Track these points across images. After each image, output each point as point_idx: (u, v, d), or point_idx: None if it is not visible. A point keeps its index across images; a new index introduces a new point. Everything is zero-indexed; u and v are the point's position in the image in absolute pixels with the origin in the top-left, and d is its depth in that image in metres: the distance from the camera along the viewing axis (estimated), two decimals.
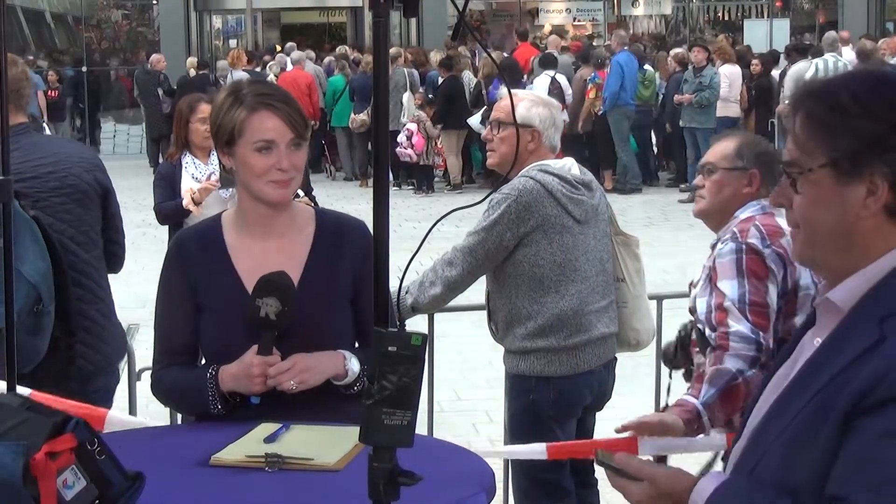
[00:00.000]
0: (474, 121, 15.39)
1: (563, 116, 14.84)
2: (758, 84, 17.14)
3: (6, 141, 3.09)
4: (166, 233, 6.71)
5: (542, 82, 16.13)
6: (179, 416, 5.19)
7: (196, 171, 6.55)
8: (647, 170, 17.22)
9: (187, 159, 6.61)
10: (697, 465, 3.61)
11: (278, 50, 22.76)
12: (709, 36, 24.99)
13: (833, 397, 1.84)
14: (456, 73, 17.14)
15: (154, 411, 5.09)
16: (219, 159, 3.17)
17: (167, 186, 6.58)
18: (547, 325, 4.33)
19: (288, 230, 3.14)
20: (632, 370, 5.10)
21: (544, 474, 4.43)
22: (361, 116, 17.57)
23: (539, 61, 17.14)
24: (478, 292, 4.67)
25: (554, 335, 4.33)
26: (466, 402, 7.35)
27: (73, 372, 4.11)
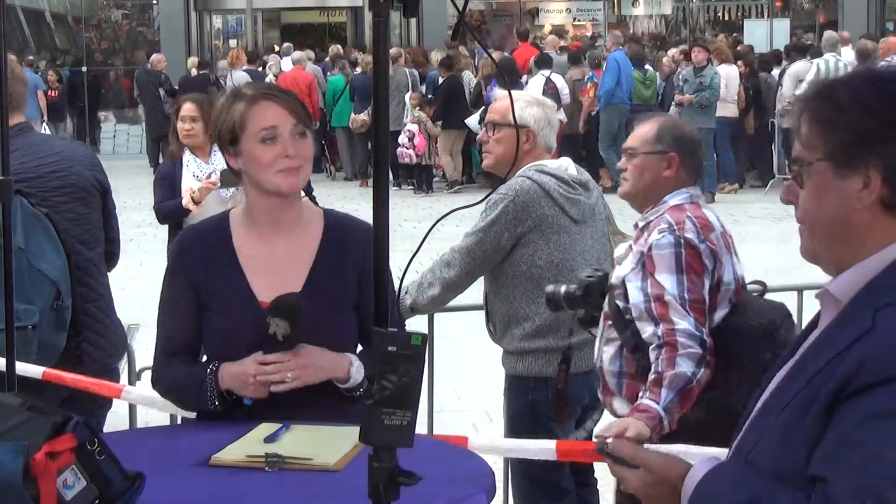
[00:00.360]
0: (472, 121, 15.38)
1: (560, 116, 15.01)
2: (750, 84, 17.10)
3: (6, 141, 3.09)
4: (166, 232, 6.71)
5: (536, 82, 16.13)
6: (179, 416, 5.20)
7: (197, 170, 6.55)
8: None
9: (188, 158, 6.61)
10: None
11: (276, 50, 22.77)
12: (709, 36, 24.99)
13: (822, 384, 1.89)
14: (456, 72, 17.13)
15: (154, 411, 5.08)
16: (226, 161, 3.16)
17: (167, 186, 6.59)
18: (545, 325, 4.33)
19: (295, 226, 3.13)
20: None
21: (544, 474, 4.42)
22: (362, 116, 17.56)
23: (535, 61, 17.15)
24: (478, 292, 4.67)
25: (552, 335, 4.32)
26: (466, 402, 7.35)
27: (80, 371, 4.11)
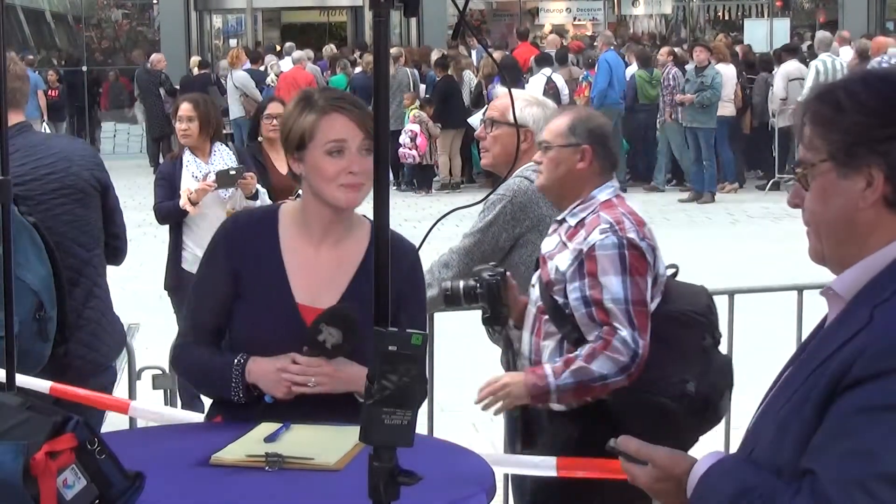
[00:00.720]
0: (474, 120, 15.30)
1: None
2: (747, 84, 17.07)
3: (6, 141, 3.08)
4: (166, 232, 6.71)
5: (537, 81, 16.11)
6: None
7: (196, 170, 6.56)
8: (660, 168, 17.15)
9: (188, 158, 6.63)
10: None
11: (276, 49, 22.78)
12: (709, 36, 24.99)
13: (819, 380, 1.91)
14: (457, 71, 17.11)
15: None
16: (288, 164, 3.13)
17: (167, 186, 6.60)
18: None
19: (343, 239, 3.13)
20: None
21: None
22: None
23: (536, 60, 17.15)
24: None
25: None
26: (466, 403, 7.34)
27: (70, 375, 4.09)
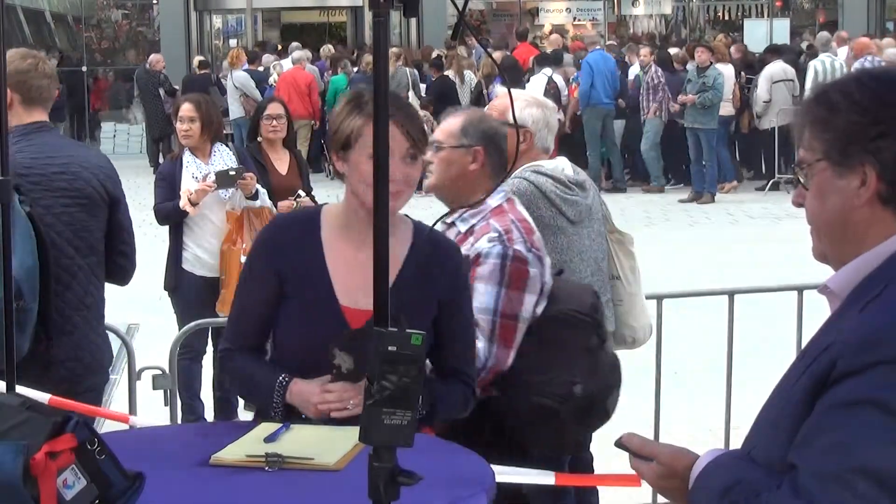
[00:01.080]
0: None
1: (561, 116, 15.00)
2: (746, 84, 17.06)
3: (6, 141, 3.08)
4: (166, 233, 6.72)
5: (538, 81, 16.11)
6: (179, 416, 5.21)
7: (196, 171, 6.56)
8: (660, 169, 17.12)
9: (188, 158, 6.63)
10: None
11: (277, 49, 22.78)
12: (709, 36, 24.99)
13: (809, 377, 1.93)
14: (458, 71, 17.09)
15: (154, 411, 5.09)
16: (332, 164, 3.14)
17: (167, 186, 6.60)
18: None
19: None
20: (631, 367, 5.09)
21: None
22: None
23: (536, 60, 17.15)
24: None
25: None
26: None
27: (55, 377, 4.04)
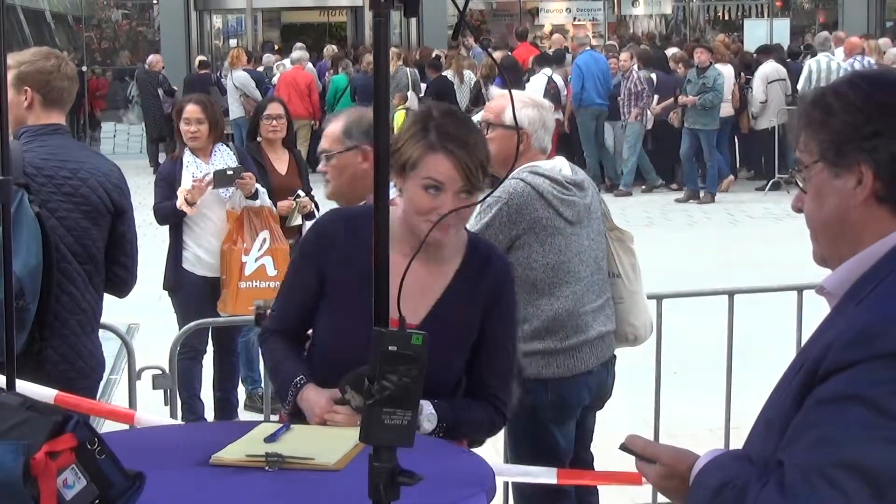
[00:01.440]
0: (475, 120, 15.32)
1: (558, 116, 14.99)
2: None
3: (6, 141, 3.09)
4: (166, 232, 6.71)
5: (538, 81, 16.11)
6: (179, 416, 5.21)
7: (196, 171, 6.55)
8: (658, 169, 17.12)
9: (188, 158, 6.61)
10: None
11: (275, 49, 22.79)
12: (710, 36, 25.00)
13: (802, 376, 1.94)
14: (457, 71, 17.08)
15: (154, 411, 5.08)
16: (393, 182, 3.12)
17: (167, 186, 6.59)
18: (542, 327, 4.31)
19: (434, 259, 3.13)
20: (631, 368, 5.10)
21: None
22: None
23: (537, 60, 17.14)
24: None
25: (550, 337, 4.31)
26: None
27: (46, 378, 4.01)
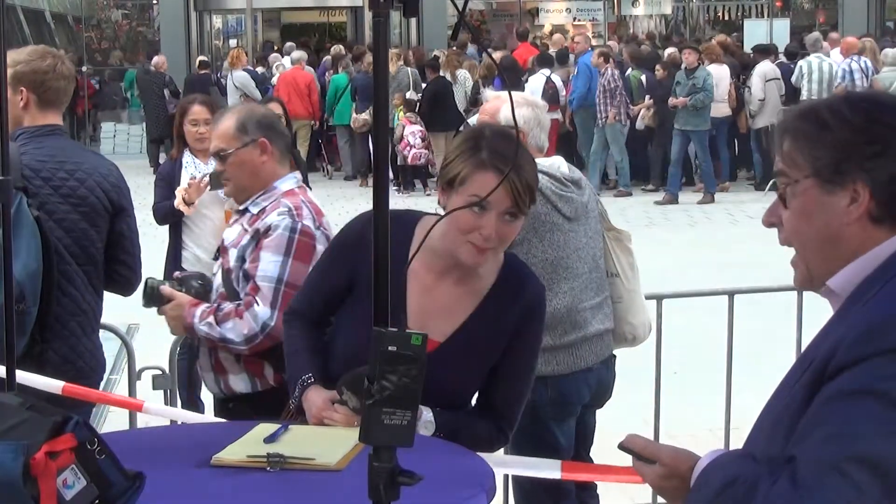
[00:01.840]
0: (473, 121, 15.32)
1: (556, 116, 14.99)
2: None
3: (6, 141, 3.09)
4: (166, 232, 6.71)
5: (536, 81, 16.11)
6: (179, 417, 5.19)
7: (195, 171, 6.54)
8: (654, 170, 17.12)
9: (187, 158, 6.61)
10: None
11: (275, 49, 22.79)
12: (709, 36, 25.02)
13: (810, 376, 1.94)
14: (450, 70, 17.09)
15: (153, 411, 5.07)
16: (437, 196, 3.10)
17: (166, 186, 6.58)
18: None
19: (469, 276, 3.09)
20: (632, 367, 5.10)
21: None
22: (363, 116, 17.47)
23: (537, 60, 17.15)
24: None
25: (549, 334, 4.29)
26: None
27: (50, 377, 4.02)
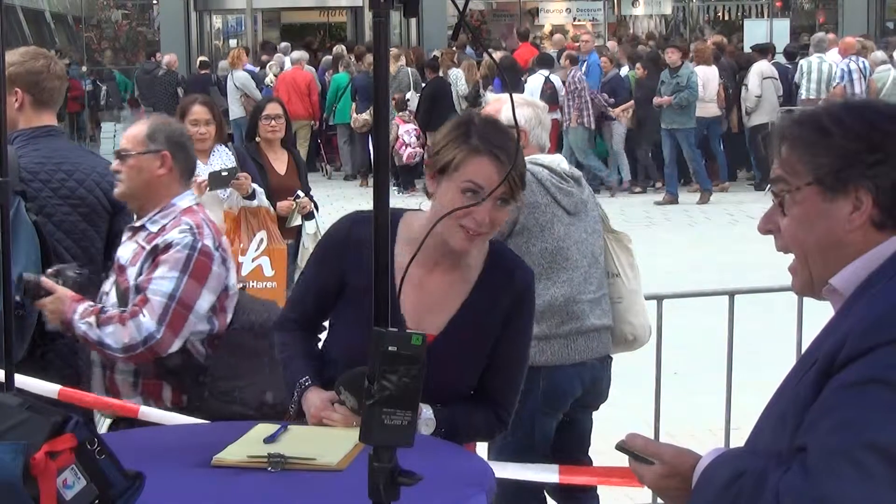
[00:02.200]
0: None
1: (556, 116, 14.97)
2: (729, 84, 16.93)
3: (5, 141, 3.09)
4: None
5: (535, 81, 16.10)
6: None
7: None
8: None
9: None
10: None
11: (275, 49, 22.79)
12: (709, 36, 25.01)
13: (815, 372, 1.95)
14: (443, 69, 17.09)
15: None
16: (426, 182, 3.11)
17: None
18: (538, 312, 4.28)
19: (456, 266, 3.12)
20: (632, 367, 5.11)
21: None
22: (364, 116, 17.47)
23: (536, 60, 17.15)
24: None
25: (545, 322, 4.30)
26: None
27: (48, 379, 4.00)
